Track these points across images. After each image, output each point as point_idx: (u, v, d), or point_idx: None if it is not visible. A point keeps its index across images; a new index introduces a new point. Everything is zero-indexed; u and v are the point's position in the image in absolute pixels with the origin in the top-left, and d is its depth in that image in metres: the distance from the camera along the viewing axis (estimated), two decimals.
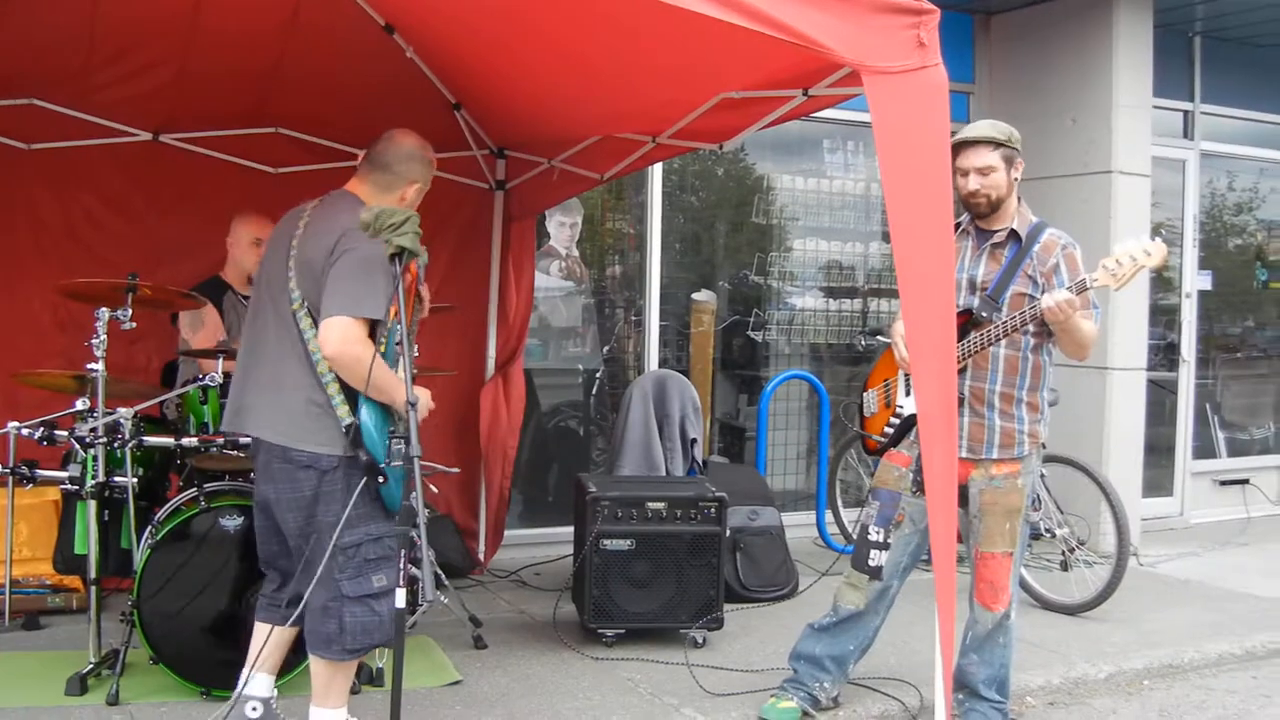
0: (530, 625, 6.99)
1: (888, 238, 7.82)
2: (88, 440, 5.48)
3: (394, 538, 4.52)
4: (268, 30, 6.10)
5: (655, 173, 9.21)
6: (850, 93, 5.15)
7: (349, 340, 4.35)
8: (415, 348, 4.99)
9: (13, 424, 5.81)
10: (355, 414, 4.46)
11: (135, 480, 5.62)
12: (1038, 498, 7.39)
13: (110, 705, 5.25)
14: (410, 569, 5.98)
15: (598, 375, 9.49)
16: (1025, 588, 7.59)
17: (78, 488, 5.62)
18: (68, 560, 6.46)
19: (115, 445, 5.52)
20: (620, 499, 6.54)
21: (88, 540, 5.53)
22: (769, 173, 10.05)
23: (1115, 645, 6.91)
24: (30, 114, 6.75)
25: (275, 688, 5.04)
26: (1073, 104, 9.70)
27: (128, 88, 6.63)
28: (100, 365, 5.44)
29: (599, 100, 6.15)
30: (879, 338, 9.82)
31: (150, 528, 5.60)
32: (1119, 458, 9.41)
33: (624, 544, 6.49)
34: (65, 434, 5.67)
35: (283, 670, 5.23)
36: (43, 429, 5.73)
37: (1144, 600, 7.93)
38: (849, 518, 9.19)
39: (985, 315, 5.17)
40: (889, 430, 5.55)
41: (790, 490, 9.94)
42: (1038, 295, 5.13)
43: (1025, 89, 10.12)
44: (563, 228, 9.19)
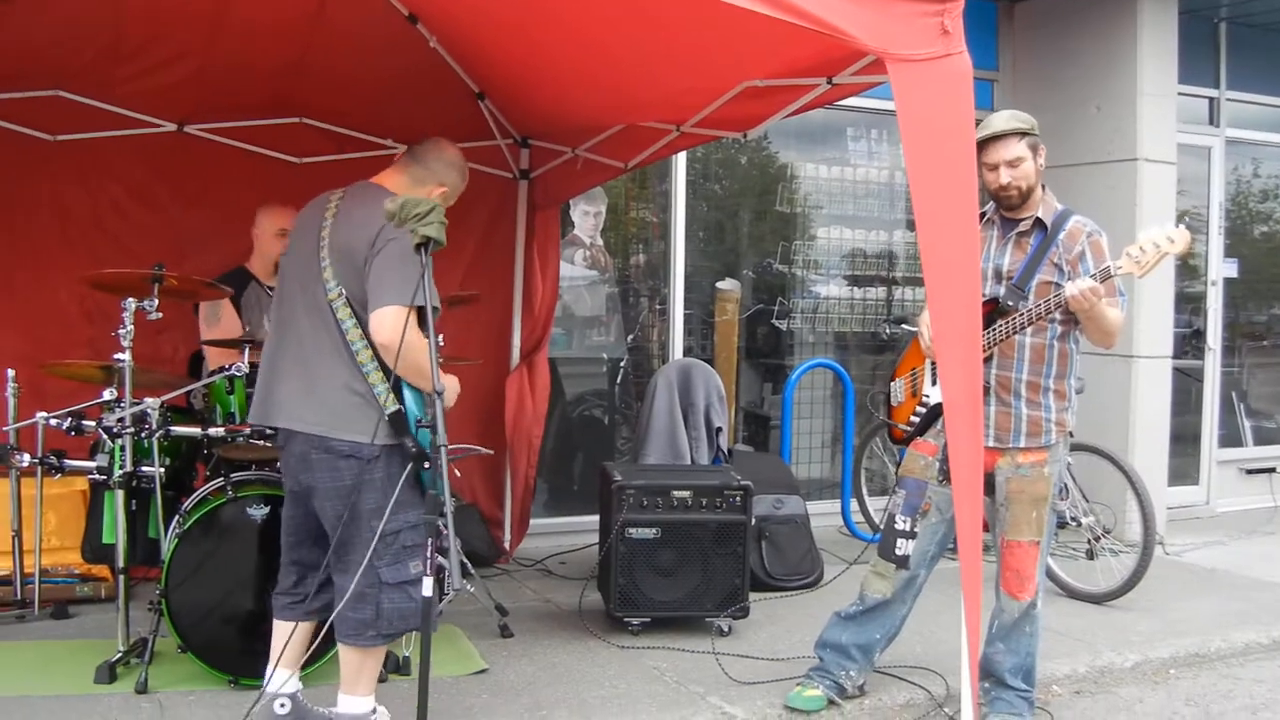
0: (556, 614, 7.01)
1: (912, 226, 7.82)
2: (115, 430, 5.50)
3: (426, 525, 4.59)
4: (293, 21, 6.11)
5: (679, 161, 9.21)
6: (874, 81, 5.14)
7: (400, 329, 4.36)
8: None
9: (41, 414, 5.84)
10: (400, 401, 4.49)
11: (162, 470, 5.64)
12: (1064, 486, 7.38)
13: (139, 693, 5.28)
14: (437, 558, 6.03)
15: (622, 364, 9.49)
16: (1051, 576, 7.57)
17: (105, 477, 5.64)
18: (96, 550, 6.49)
19: (142, 435, 5.55)
20: (645, 488, 6.54)
21: (116, 530, 5.54)
22: (793, 161, 10.04)
23: (1141, 634, 6.89)
24: (56, 105, 6.77)
25: (300, 680, 5.06)
26: (1097, 91, 9.66)
27: (153, 79, 6.65)
28: (127, 355, 5.45)
29: (622, 89, 6.14)
30: (904, 326, 9.80)
31: (178, 517, 5.63)
32: (1144, 446, 9.38)
33: (649, 533, 6.50)
34: (93, 424, 5.69)
35: (311, 660, 5.26)
36: (70, 419, 5.75)
37: (1170, 589, 7.91)
38: (874, 506, 9.18)
39: (1011, 304, 5.16)
40: (915, 419, 5.55)
41: (815, 479, 9.93)
42: (1063, 283, 5.11)
43: (1049, 76, 10.08)
44: (587, 216, 9.20)
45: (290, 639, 4.86)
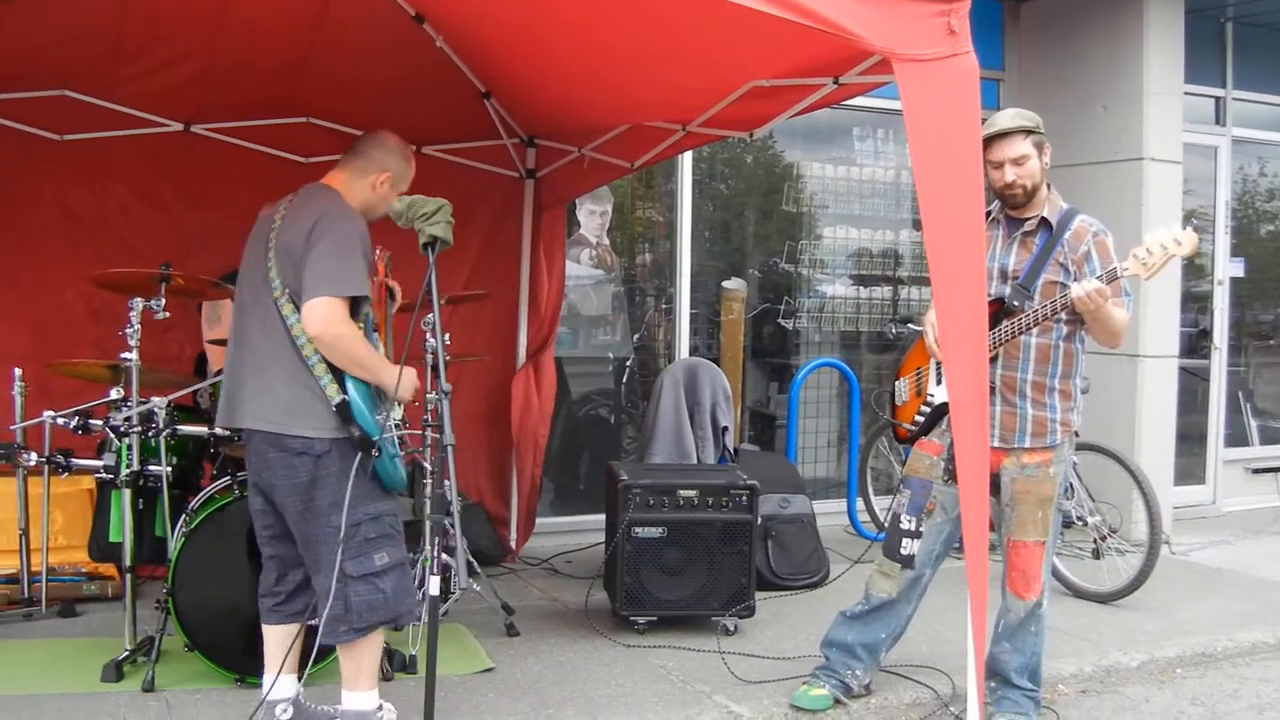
0: (562, 613, 7.01)
1: (918, 225, 7.81)
2: (122, 429, 5.52)
3: (394, 515, 4.65)
4: (299, 21, 6.11)
5: (685, 161, 9.21)
6: (880, 80, 5.14)
7: (331, 320, 4.40)
8: (383, 345, 4.99)
9: (48, 413, 5.86)
10: (343, 391, 4.50)
11: (169, 469, 5.66)
12: (1070, 486, 7.38)
13: (146, 692, 5.28)
14: (443, 557, 6.03)
15: (628, 363, 9.50)
16: (1057, 576, 7.57)
17: (112, 476, 5.67)
18: (103, 548, 6.51)
19: (149, 434, 5.57)
20: (652, 487, 6.55)
21: (123, 528, 5.56)
22: (799, 160, 10.04)
23: (1148, 634, 6.89)
24: (62, 105, 6.79)
25: (300, 684, 5.06)
26: (1104, 90, 9.66)
27: (159, 79, 6.66)
28: (134, 354, 5.48)
29: (629, 89, 6.15)
30: (910, 326, 9.81)
31: (184, 516, 5.64)
32: (1151, 445, 9.38)
33: (656, 532, 6.50)
34: (100, 423, 5.72)
35: (316, 660, 5.27)
36: (78, 418, 5.77)
37: (1176, 589, 7.91)
38: (880, 505, 9.18)
39: (1017, 304, 5.15)
40: (920, 418, 5.54)
41: (821, 478, 9.93)
42: (1069, 283, 5.11)
43: (1055, 76, 10.08)
44: (593, 216, 9.20)
45: (281, 645, 4.87)
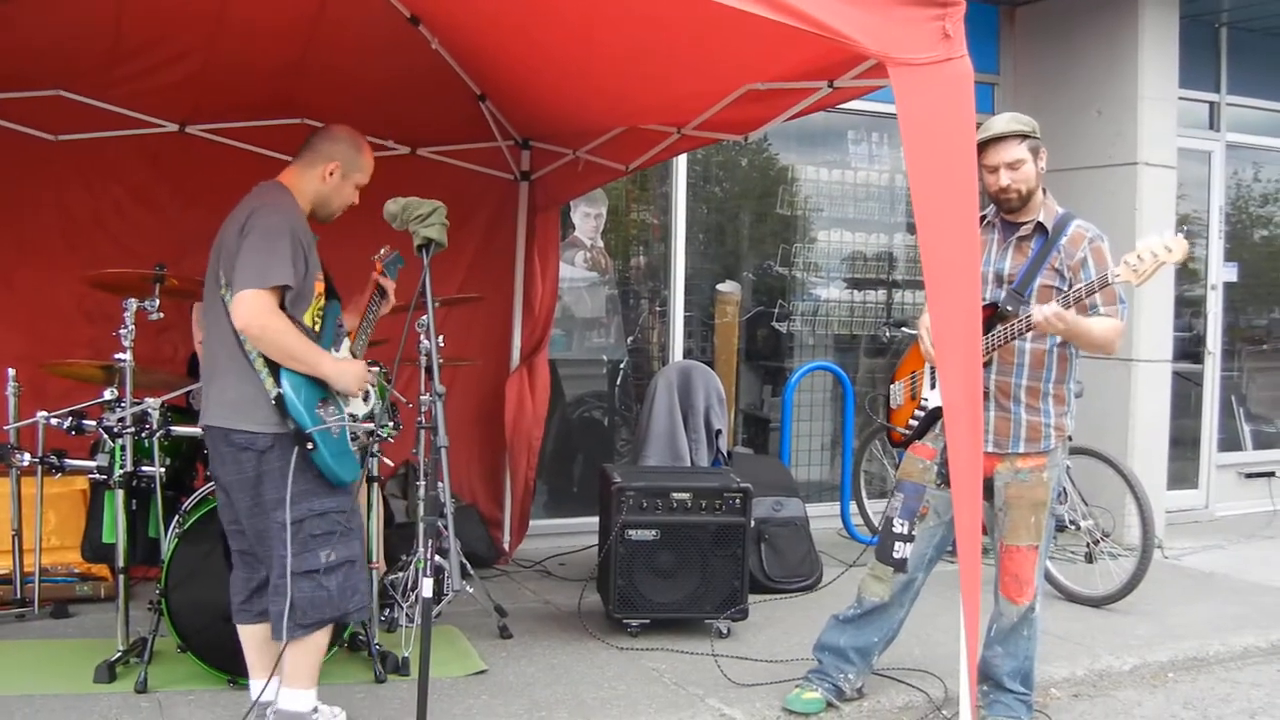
0: (555, 615, 7.01)
1: (912, 229, 7.82)
2: (116, 430, 5.52)
3: (342, 513, 4.62)
4: (294, 22, 6.12)
5: (680, 164, 9.22)
6: (875, 84, 5.16)
7: (256, 312, 4.41)
8: (351, 341, 4.98)
9: (41, 413, 5.86)
10: (279, 385, 4.51)
11: (163, 470, 5.66)
12: (1063, 490, 7.39)
13: (138, 693, 5.28)
14: (437, 558, 6.03)
15: (622, 366, 9.50)
16: (1050, 580, 7.58)
17: (106, 477, 5.66)
18: (96, 549, 6.50)
19: (143, 435, 5.57)
20: (645, 489, 6.54)
21: (116, 529, 5.56)
22: (793, 164, 10.05)
23: (1140, 638, 6.90)
24: (57, 105, 6.78)
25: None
26: (1098, 95, 9.67)
27: (154, 79, 6.65)
28: (128, 355, 5.48)
29: (624, 92, 6.15)
30: (904, 329, 9.81)
31: (177, 517, 5.64)
32: (1144, 450, 9.39)
33: (649, 534, 6.50)
34: (93, 424, 5.71)
35: None
36: (71, 418, 5.78)
37: (1169, 593, 7.92)
38: (874, 509, 9.18)
39: (1011, 309, 5.15)
40: (914, 422, 5.55)
41: (815, 481, 9.94)
42: (1064, 288, 5.12)
43: (1050, 80, 10.09)
44: (588, 218, 9.20)
45: (259, 646, 4.88)
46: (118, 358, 5.49)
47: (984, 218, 5.36)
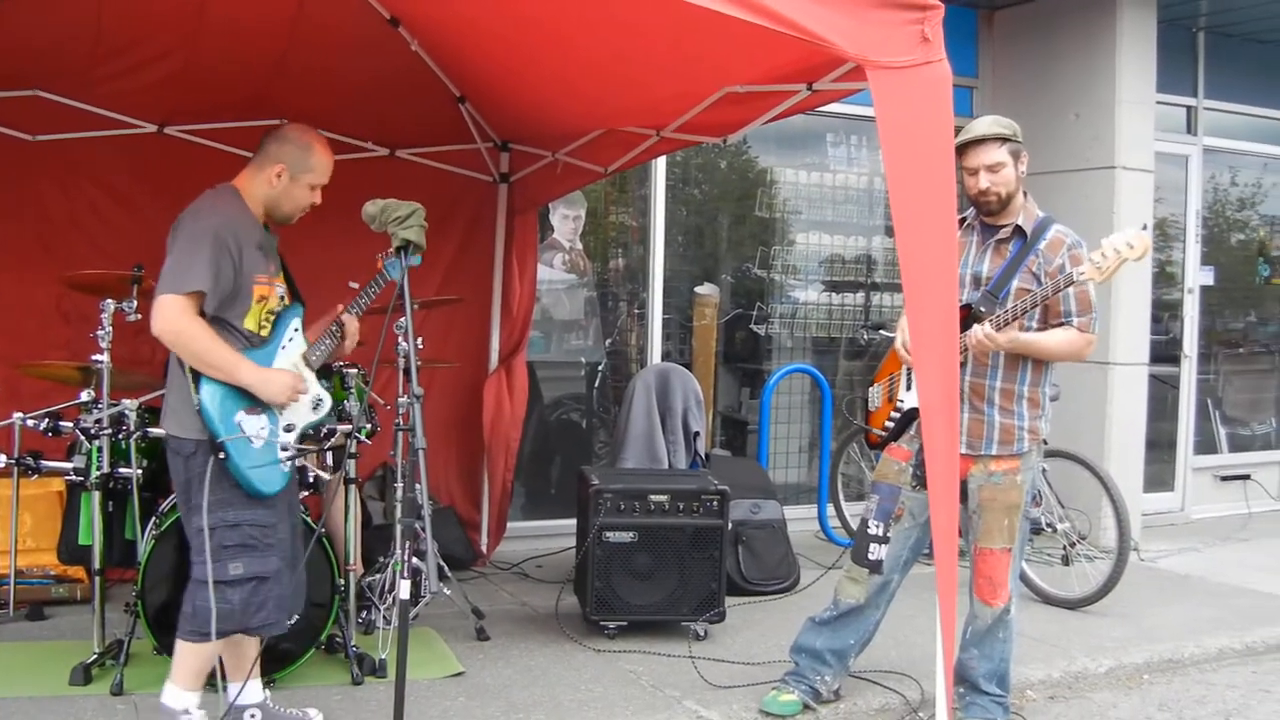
0: (533, 617, 7.01)
1: (891, 232, 7.83)
2: (92, 431, 5.50)
3: (260, 526, 4.55)
4: (274, 23, 6.10)
5: (659, 166, 9.22)
6: (854, 87, 5.17)
7: (170, 317, 4.39)
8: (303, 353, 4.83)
9: (17, 415, 5.84)
10: (198, 391, 4.48)
11: (139, 471, 5.64)
12: (1038, 492, 7.40)
13: (114, 695, 5.26)
14: (414, 560, 6.02)
15: (600, 368, 9.50)
16: (1026, 582, 7.61)
17: (82, 479, 5.65)
18: (72, 551, 6.45)
19: (120, 436, 5.55)
20: (623, 491, 6.55)
21: (92, 531, 5.54)
22: (772, 166, 10.06)
23: (1116, 640, 6.92)
24: (35, 105, 6.74)
25: (268, 688, 5.06)
26: (1076, 99, 9.70)
27: (133, 80, 6.62)
28: (105, 356, 5.47)
29: (603, 94, 6.16)
30: (882, 332, 9.81)
31: (154, 519, 5.61)
32: (1120, 452, 9.42)
33: (626, 536, 6.50)
34: (70, 425, 5.70)
35: (287, 662, 5.28)
36: (47, 420, 5.76)
37: (1144, 595, 7.94)
38: (851, 512, 9.20)
39: (984, 310, 5.16)
40: (889, 424, 5.56)
41: (792, 484, 9.95)
42: (1036, 290, 5.13)
43: (1028, 84, 10.12)
44: (566, 220, 9.20)
45: (231, 650, 4.85)
46: (95, 359, 5.48)
47: (964, 220, 5.38)
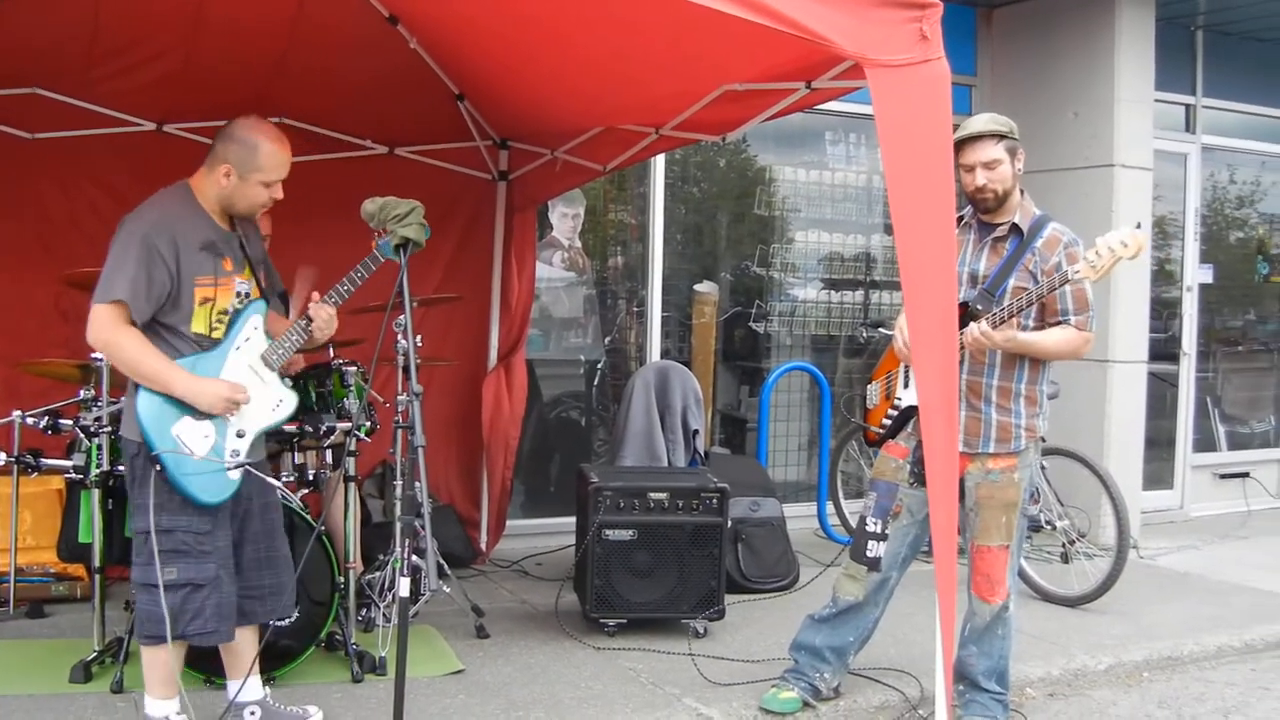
0: (532, 615, 7.01)
1: (889, 230, 7.82)
2: (92, 429, 5.50)
3: (197, 534, 4.50)
4: (273, 21, 6.10)
5: (657, 164, 9.22)
6: (853, 85, 5.17)
7: (97, 328, 4.40)
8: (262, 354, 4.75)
9: (17, 413, 5.84)
10: (135, 398, 4.49)
11: None
12: (1037, 490, 7.40)
13: (114, 693, 5.26)
14: (414, 558, 6.02)
15: (600, 366, 9.50)
16: (1025, 579, 7.61)
17: (82, 476, 5.65)
18: (72, 549, 6.45)
19: (119, 434, 5.54)
20: (622, 489, 6.55)
21: (92, 529, 5.54)
22: (771, 164, 10.05)
23: (1115, 637, 6.92)
24: (34, 103, 6.75)
25: (267, 685, 5.06)
26: (1075, 97, 9.70)
27: (132, 78, 6.62)
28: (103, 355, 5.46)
29: (602, 92, 6.16)
30: (880, 330, 9.83)
31: None
32: (1119, 450, 9.42)
33: (626, 534, 6.51)
34: (69, 423, 5.70)
35: (287, 660, 5.29)
36: (47, 418, 5.76)
37: (1144, 593, 7.94)
38: (850, 509, 9.20)
39: (981, 308, 5.16)
40: (887, 421, 5.56)
41: (791, 481, 9.95)
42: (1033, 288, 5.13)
43: (1027, 82, 10.12)
44: (565, 218, 9.20)
45: (230, 648, 4.87)
46: (94, 357, 5.47)
47: (961, 218, 5.37)
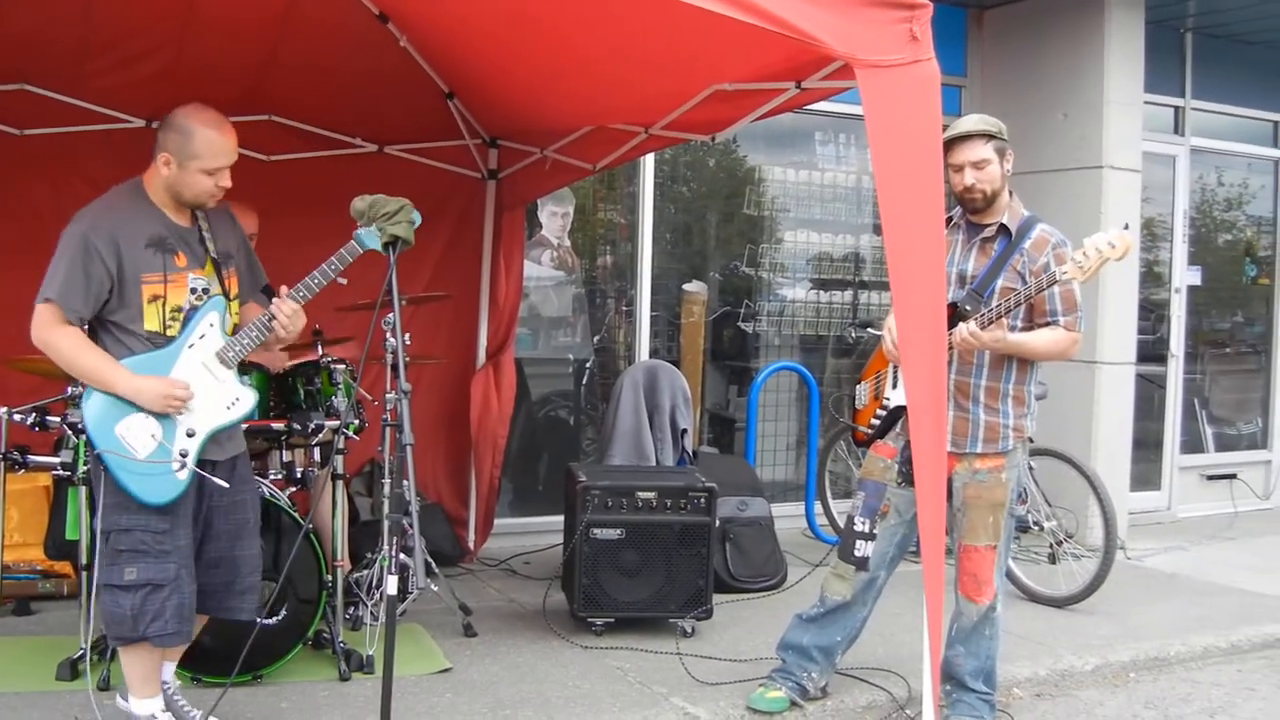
0: (520, 614, 7.01)
1: (878, 230, 7.83)
2: (80, 426, 5.48)
3: (155, 533, 4.46)
4: (263, 19, 6.10)
5: (647, 163, 9.22)
6: (842, 86, 5.17)
7: (36, 327, 4.46)
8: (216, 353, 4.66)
9: (4, 409, 5.81)
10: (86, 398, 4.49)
11: None
12: (1025, 490, 7.42)
13: (101, 690, 5.24)
14: (401, 556, 6.02)
15: (588, 365, 9.50)
16: (1013, 580, 7.62)
17: (69, 473, 5.64)
18: (59, 546, 6.45)
19: None
20: (610, 488, 6.55)
21: (79, 526, 5.53)
22: (761, 164, 10.06)
23: (1102, 638, 6.93)
24: (23, 100, 6.72)
25: (245, 681, 5.07)
26: (1064, 99, 9.72)
27: (122, 75, 6.60)
28: None
29: (592, 91, 6.15)
30: (869, 330, 9.82)
31: None
32: (1107, 451, 9.44)
33: (614, 533, 6.51)
34: (57, 420, 5.68)
35: (274, 658, 5.29)
36: (34, 414, 5.73)
37: (1131, 594, 7.96)
38: (838, 509, 9.20)
39: (969, 308, 5.16)
40: (875, 421, 5.56)
41: (780, 481, 9.95)
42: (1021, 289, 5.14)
43: (1017, 83, 10.13)
44: (555, 217, 9.20)
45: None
46: None
47: (950, 219, 5.38)
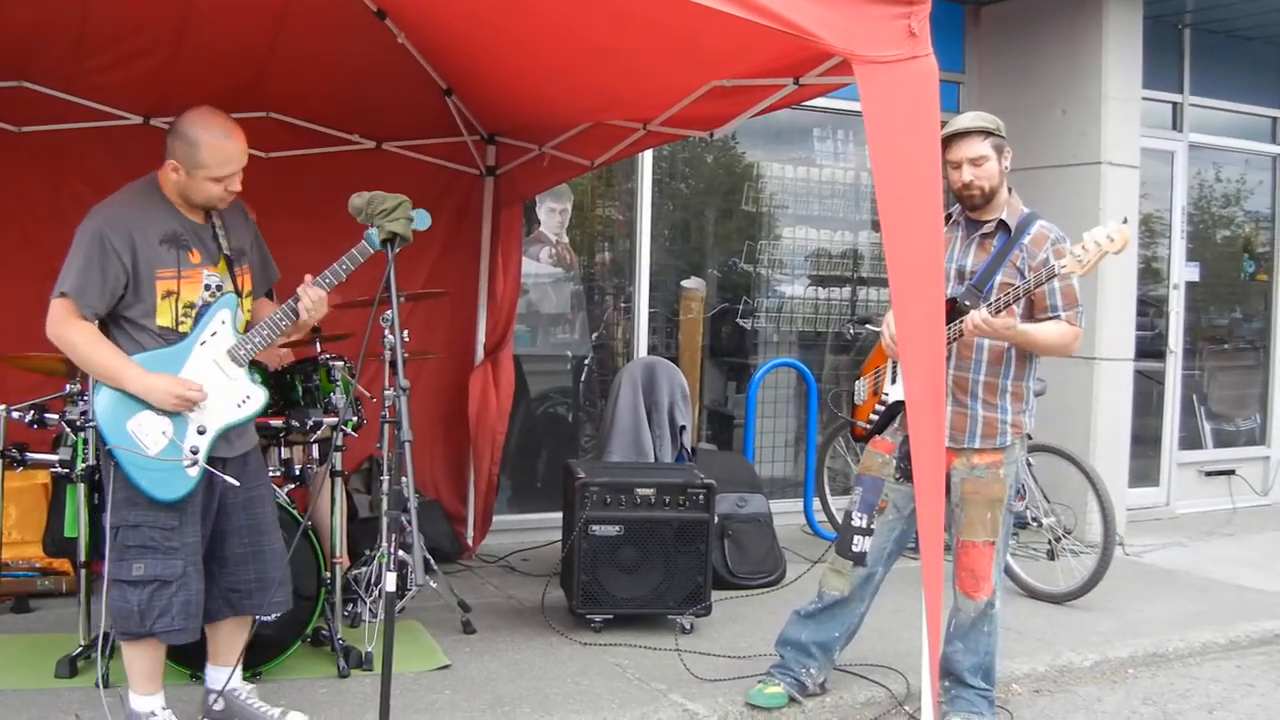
0: (519, 610, 7.01)
1: (877, 226, 7.82)
2: (78, 423, 5.50)
3: (164, 530, 4.49)
4: (261, 15, 6.09)
5: (645, 160, 9.21)
6: (841, 82, 5.16)
7: (51, 322, 4.48)
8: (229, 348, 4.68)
9: (2, 406, 5.81)
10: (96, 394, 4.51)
11: None
12: (1023, 486, 7.42)
13: (100, 687, 5.24)
14: (400, 553, 6.02)
15: (587, 362, 9.50)
16: (1011, 576, 7.62)
17: (68, 471, 5.64)
18: (57, 543, 6.45)
19: None
20: (609, 485, 6.55)
21: (78, 523, 5.53)
22: (759, 160, 10.05)
23: (1101, 634, 6.93)
24: (20, 96, 6.72)
25: (246, 679, 5.07)
26: (1062, 95, 9.72)
27: (120, 71, 6.60)
28: None
29: (590, 87, 6.15)
30: (868, 326, 9.82)
31: None
32: (1106, 447, 9.44)
33: (612, 530, 6.50)
34: (55, 417, 5.69)
35: (273, 655, 5.28)
36: (33, 412, 5.74)
37: (1129, 590, 7.96)
38: (837, 505, 9.20)
39: (968, 304, 5.16)
40: (874, 417, 5.56)
41: (778, 478, 9.96)
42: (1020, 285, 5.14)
43: (1015, 80, 10.13)
44: (553, 214, 9.19)
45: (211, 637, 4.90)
46: None
47: (949, 215, 5.38)
